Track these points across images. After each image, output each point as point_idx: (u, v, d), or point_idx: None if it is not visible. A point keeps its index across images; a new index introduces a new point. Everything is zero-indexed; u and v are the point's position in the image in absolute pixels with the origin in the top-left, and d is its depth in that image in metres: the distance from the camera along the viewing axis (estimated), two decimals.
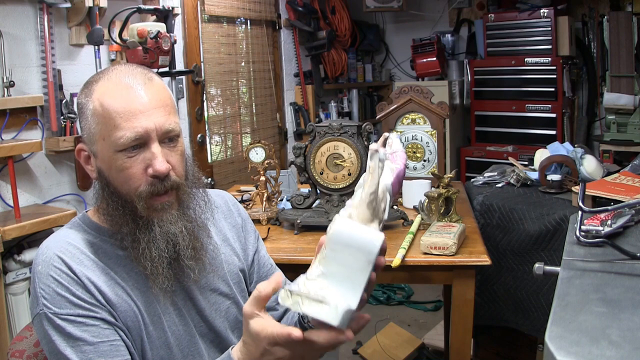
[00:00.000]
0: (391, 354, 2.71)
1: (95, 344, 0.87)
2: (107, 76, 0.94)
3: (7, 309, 2.10)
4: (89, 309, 0.89)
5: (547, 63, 3.76)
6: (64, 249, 0.93)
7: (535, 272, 0.99)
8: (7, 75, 2.16)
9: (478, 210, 2.06)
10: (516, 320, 2.04)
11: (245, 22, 3.66)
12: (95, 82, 0.94)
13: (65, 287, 0.89)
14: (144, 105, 0.91)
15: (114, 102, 0.90)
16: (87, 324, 0.88)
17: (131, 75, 0.93)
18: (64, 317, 0.88)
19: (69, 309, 0.88)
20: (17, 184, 2.13)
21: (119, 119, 0.89)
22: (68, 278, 0.90)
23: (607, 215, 1.16)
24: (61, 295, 0.88)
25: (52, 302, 0.88)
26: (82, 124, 0.95)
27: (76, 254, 0.93)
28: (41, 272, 0.90)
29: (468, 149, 4.17)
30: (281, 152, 4.04)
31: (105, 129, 0.91)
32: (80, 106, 0.95)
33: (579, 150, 2.12)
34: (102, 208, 0.97)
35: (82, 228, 0.99)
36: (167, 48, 2.51)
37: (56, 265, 0.90)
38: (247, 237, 1.18)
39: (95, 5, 2.38)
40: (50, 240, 0.95)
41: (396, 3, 4.42)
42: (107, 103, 0.90)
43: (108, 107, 0.90)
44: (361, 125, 1.76)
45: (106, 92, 0.92)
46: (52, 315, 0.88)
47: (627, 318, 0.69)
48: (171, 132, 0.93)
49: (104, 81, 0.93)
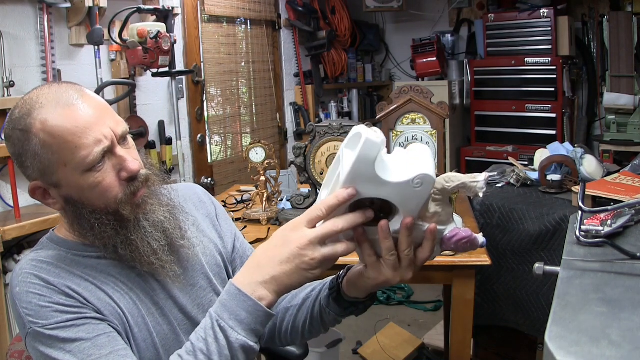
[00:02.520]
0: (391, 354, 2.71)
1: (92, 339, 0.85)
2: (38, 105, 0.88)
3: (7, 309, 2.09)
4: (76, 312, 0.87)
5: (547, 63, 3.76)
6: (37, 267, 0.90)
7: (535, 272, 0.99)
8: (7, 75, 2.16)
9: (478, 210, 2.06)
10: (516, 320, 2.04)
11: (245, 22, 3.66)
12: (27, 117, 0.88)
13: (47, 297, 0.86)
14: (93, 117, 0.88)
15: (63, 125, 0.86)
16: (78, 324, 0.86)
17: (64, 95, 0.88)
18: (54, 327, 0.85)
19: (57, 317, 0.85)
20: (17, 184, 2.13)
21: (76, 140, 0.86)
22: (47, 290, 0.87)
23: (607, 215, 1.16)
24: (45, 307, 0.86)
25: (38, 317, 0.85)
26: (27, 163, 0.89)
27: (50, 269, 0.91)
28: (20, 293, 0.87)
29: (468, 149, 4.17)
30: (281, 152, 4.04)
31: (64, 154, 0.87)
32: (17, 148, 0.89)
33: (579, 150, 2.12)
34: (81, 230, 0.94)
35: (52, 246, 0.97)
36: (167, 48, 2.51)
37: (33, 282, 0.88)
38: (222, 224, 1.17)
39: (95, 5, 2.38)
40: (21, 264, 0.93)
41: (396, 3, 4.42)
42: (55, 129, 0.86)
43: (58, 133, 0.86)
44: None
45: (47, 119, 0.86)
46: (41, 328, 0.85)
47: (627, 318, 0.69)
48: (125, 132, 0.93)
49: (38, 111, 0.87)
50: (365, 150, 0.72)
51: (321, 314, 1.03)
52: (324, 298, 1.02)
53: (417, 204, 0.77)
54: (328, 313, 1.01)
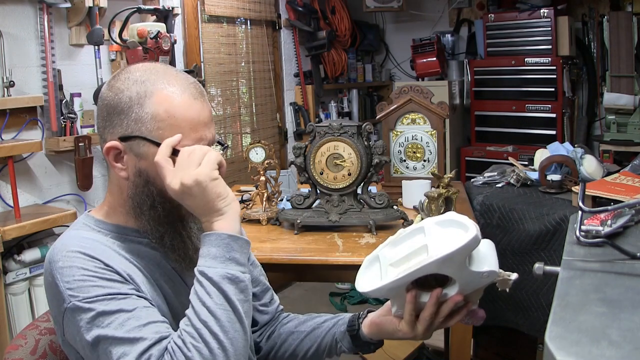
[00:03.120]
0: (391, 353, 2.71)
1: (133, 310, 0.84)
2: (166, 81, 0.92)
3: (7, 309, 2.10)
4: (119, 287, 0.86)
5: (547, 63, 3.75)
6: (78, 244, 0.89)
7: (535, 272, 0.99)
8: (7, 75, 2.16)
9: (478, 210, 2.06)
10: (516, 320, 2.04)
11: (245, 22, 3.66)
12: (151, 83, 0.91)
13: (90, 271, 0.85)
14: (206, 118, 0.95)
15: (184, 112, 0.91)
16: (118, 298, 0.84)
17: (191, 86, 0.95)
18: (94, 299, 0.83)
19: (98, 291, 0.84)
20: (17, 184, 2.13)
21: (187, 129, 0.91)
22: (92, 263, 0.86)
23: (607, 215, 1.16)
24: (87, 281, 0.85)
25: (79, 290, 0.84)
26: (123, 122, 0.91)
27: (95, 246, 0.90)
28: (62, 267, 0.86)
29: (468, 149, 4.17)
30: (281, 152, 4.04)
31: (169, 134, 0.90)
32: (123, 104, 0.91)
33: (579, 150, 2.12)
34: (134, 207, 0.94)
35: (91, 227, 0.96)
36: (167, 48, 2.51)
37: (77, 256, 0.87)
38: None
39: (95, 5, 2.38)
40: (62, 240, 0.92)
41: (396, 3, 4.42)
42: (177, 109, 0.91)
43: (177, 115, 0.91)
44: (361, 125, 1.76)
45: (174, 98, 0.91)
46: (81, 301, 0.83)
47: (627, 318, 0.69)
48: (213, 142, 0.99)
49: (165, 86, 0.92)
50: (470, 244, 0.83)
51: (330, 346, 1.10)
52: (340, 332, 1.10)
53: (473, 288, 0.91)
54: (338, 347, 1.09)
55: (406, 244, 0.93)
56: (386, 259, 0.94)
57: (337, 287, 3.65)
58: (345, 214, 1.76)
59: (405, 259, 0.91)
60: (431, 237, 0.89)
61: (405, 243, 0.94)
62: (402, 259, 0.91)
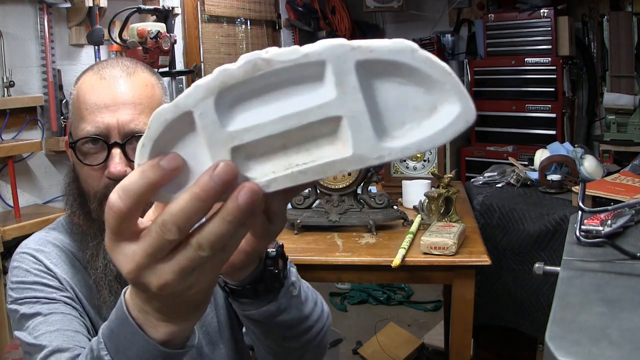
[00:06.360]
0: (391, 354, 2.71)
1: (48, 315, 0.82)
2: (96, 67, 0.88)
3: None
4: (49, 292, 0.85)
5: (547, 63, 3.75)
6: (35, 248, 0.90)
7: (535, 272, 0.99)
8: (7, 75, 2.16)
9: (478, 210, 2.06)
10: (516, 320, 2.04)
11: (245, 22, 3.66)
12: (84, 73, 0.89)
13: (33, 274, 0.86)
14: (112, 100, 0.82)
15: (87, 94, 0.84)
16: (42, 302, 0.84)
17: (115, 68, 0.85)
18: (21, 302, 0.84)
19: (29, 293, 0.84)
20: (17, 184, 2.13)
21: (85, 111, 0.83)
22: (37, 267, 0.87)
23: (607, 215, 1.16)
24: (26, 283, 0.85)
25: (15, 291, 0.85)
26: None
27: (51, 250, 0.90)
28: (13, 267, 0.88)
29: (468, 149, 4.16)
30: None
31: (75, 119, 0.86)
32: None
33: (579, 150, 2.12)
34: (70, 207, 0.91)
35: (66, 230, 0.95)
36: (167, 48, 2.51)
37: (26, 259, 0.88)
38: None
39: (95, 5, 2.38)
40: (30, 238, 0.94)
41: (396, 3, 4.42)
42: (82, 94, 0.84)
43: (80, 98, 0.85)
44: None
45: (85, 82, 0.86)
46: (12, 303, 0.85)
47: (627, 318, 0.69)
48: (137, 133, 0.82)
49: (89, 72, 0.87)
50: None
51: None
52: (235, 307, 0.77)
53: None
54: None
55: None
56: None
57: (337, 287, 3.65)
58: (345, 214, 1.76)
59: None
60: None
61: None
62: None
